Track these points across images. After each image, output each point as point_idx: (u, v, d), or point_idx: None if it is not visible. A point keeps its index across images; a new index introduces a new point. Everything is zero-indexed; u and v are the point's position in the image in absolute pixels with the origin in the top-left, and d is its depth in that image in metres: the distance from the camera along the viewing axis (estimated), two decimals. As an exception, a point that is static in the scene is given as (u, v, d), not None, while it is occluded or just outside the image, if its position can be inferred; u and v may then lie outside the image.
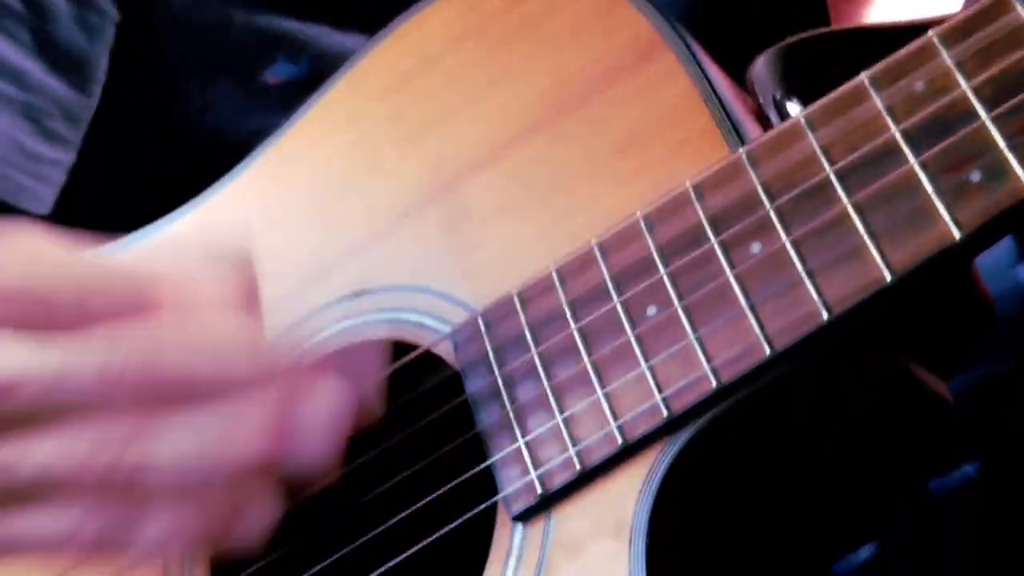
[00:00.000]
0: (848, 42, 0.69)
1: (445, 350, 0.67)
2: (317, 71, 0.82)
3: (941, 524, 0.78)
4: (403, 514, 0.66)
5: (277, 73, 0.84)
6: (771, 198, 0.59)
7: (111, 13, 0.81)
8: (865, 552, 0.75)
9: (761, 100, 0.67)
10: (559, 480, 0.61)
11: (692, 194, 0.61)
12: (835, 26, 0.85)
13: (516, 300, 0.65)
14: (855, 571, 0.75)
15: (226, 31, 0.83)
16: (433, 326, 0.68)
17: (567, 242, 0.65)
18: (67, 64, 0.82)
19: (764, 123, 0.66)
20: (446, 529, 0.64)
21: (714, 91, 0.64)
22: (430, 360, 0.68)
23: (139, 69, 0.84)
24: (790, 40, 0.69)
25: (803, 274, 0.57)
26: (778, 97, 0.68)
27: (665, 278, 0.61)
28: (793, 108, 0.68)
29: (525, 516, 0.62)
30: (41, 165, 0.82)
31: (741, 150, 0.61)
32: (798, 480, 0.65)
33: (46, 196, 0.82)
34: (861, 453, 0.65)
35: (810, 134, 0.59)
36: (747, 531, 0.64)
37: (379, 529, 0.67)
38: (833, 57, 0.68)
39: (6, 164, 0.81)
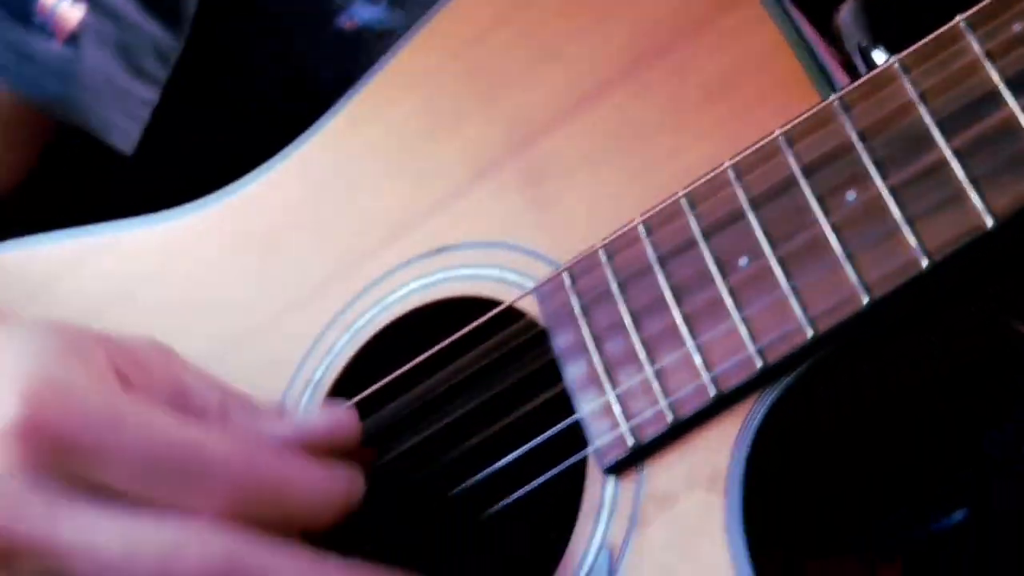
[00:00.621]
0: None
1: (528, 305, 0.67)
2: (396, 16, 0.82)
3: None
4: (491, 469, 0.66)
5: (354, 17, 0.83)
6: (866, 145, 0.58)
7: None
8: (959, 515, 0.74)
9: (847, 48, 0.66)
10: (651, 432, 0.61)
11: (783, 142, 0.60)
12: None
13: (602, 253, 0.64)
14: (950, 531, 0.74)
15: None
16: (515, 281, 0.68)
17: (651, 194, 0.64)
18: (160, 3, 0.82)
19: (850, 72, 0.65)
20: (536, 483, 0.64)
21: (801, 37, 0.63)
22: (512, 316, 0.68)
23: (222, 14, 0.84)
24: (874, -13, 0.68)
25: (901, 221, 0.56)
26: (863, 45, 0.67)
27: (757, 228, 0.60)
28: (879, 56, 0.67)
29: (617, 469, 0.62)
30: (130, 102, 0.83)
31: (833, 96, 0.60)
32: (891, 430, 0.64)
33: (133, 133, 0.83)
34: (954, 404, 0.64)
35: (905, 79, 0.58)
36: (840, 479, 0.64)
37: (467, 484, 0.67)
38: (919, 4, 0.67)
39: (99, 99, 0.82)
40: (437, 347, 0.69)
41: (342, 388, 0.71)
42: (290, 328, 0.73)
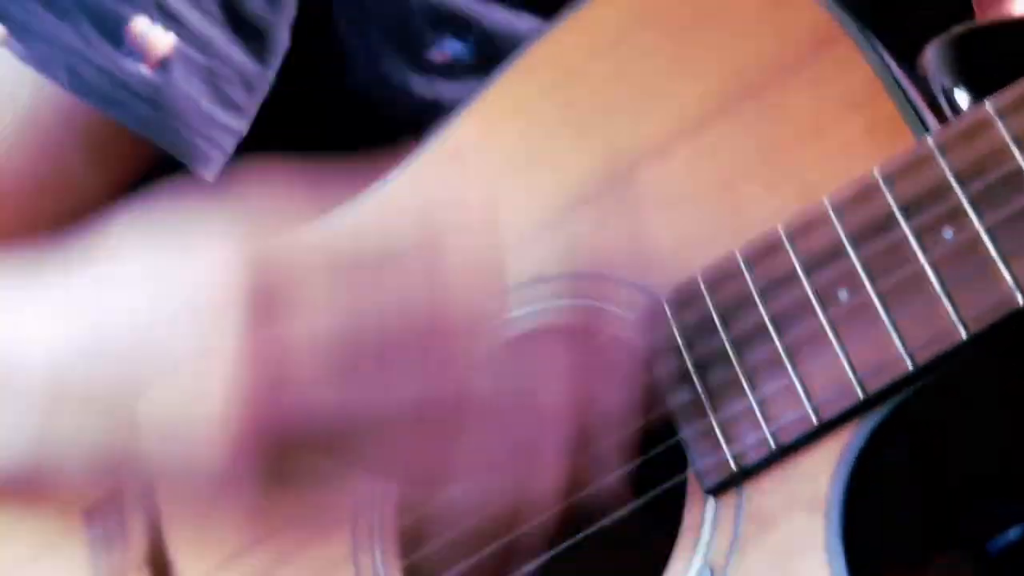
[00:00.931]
0: (1020, 32, 0.71)
1: (629, 334, 0.70)
2: (482, 50, 0.85)
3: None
4: (592, 488, 0.69)
5: (444, 50, 0.86)
6: (963, 186, 0.61)
7: None
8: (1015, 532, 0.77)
9: (933, 88, 0.69)
10: (753, 457, 0.64)
11: (881, 181, 0.63)
12: (1007, 16, 0.87)
13: (702, 284, 0.67)
14: (1006, 548, 0.77)
15: (400, 6, 0.85)
16: (614, 311, 0.71)
17: (749, 229, 0.67)
18: (250, 34, 0.84)
19: (936, 112, 0.68)
20: (640, 501, 0.67)
21: (894, 78, 0.66)
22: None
23: (312, 42, 0.87)
24: (959, 29, 0.71)
25: (997, 259, 0.60)
26: (947, 86, 0.70)
27: (857, 263, 0.63)
28: (961, 97, 0.70)
29: (718, 490, 0.65)
30: (214, 129, 0.85)
31: (929, 138, 0.63)
32: (986, 450, 0.67)
33: (216, 161, 0.85)
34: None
35: (1000, 124, 0.61)
36: (935, 503, 0.67)
37: (567, 503, 0.70)
38: (1005, 47, 0.70)
39: (185, 124, 0.84)
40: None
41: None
42: None
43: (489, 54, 0.85)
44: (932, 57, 0.71)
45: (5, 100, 0.86)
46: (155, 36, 0.84)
